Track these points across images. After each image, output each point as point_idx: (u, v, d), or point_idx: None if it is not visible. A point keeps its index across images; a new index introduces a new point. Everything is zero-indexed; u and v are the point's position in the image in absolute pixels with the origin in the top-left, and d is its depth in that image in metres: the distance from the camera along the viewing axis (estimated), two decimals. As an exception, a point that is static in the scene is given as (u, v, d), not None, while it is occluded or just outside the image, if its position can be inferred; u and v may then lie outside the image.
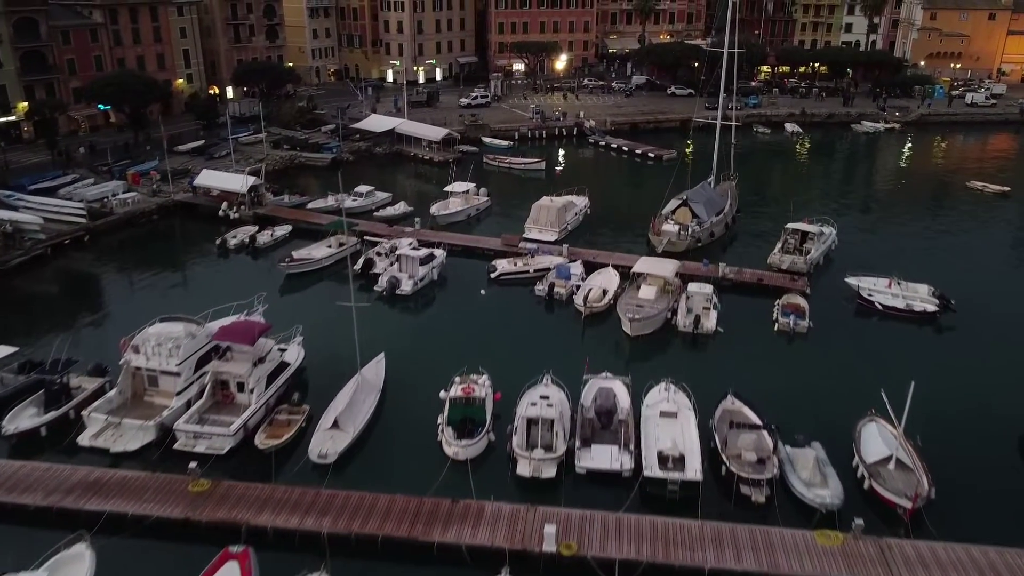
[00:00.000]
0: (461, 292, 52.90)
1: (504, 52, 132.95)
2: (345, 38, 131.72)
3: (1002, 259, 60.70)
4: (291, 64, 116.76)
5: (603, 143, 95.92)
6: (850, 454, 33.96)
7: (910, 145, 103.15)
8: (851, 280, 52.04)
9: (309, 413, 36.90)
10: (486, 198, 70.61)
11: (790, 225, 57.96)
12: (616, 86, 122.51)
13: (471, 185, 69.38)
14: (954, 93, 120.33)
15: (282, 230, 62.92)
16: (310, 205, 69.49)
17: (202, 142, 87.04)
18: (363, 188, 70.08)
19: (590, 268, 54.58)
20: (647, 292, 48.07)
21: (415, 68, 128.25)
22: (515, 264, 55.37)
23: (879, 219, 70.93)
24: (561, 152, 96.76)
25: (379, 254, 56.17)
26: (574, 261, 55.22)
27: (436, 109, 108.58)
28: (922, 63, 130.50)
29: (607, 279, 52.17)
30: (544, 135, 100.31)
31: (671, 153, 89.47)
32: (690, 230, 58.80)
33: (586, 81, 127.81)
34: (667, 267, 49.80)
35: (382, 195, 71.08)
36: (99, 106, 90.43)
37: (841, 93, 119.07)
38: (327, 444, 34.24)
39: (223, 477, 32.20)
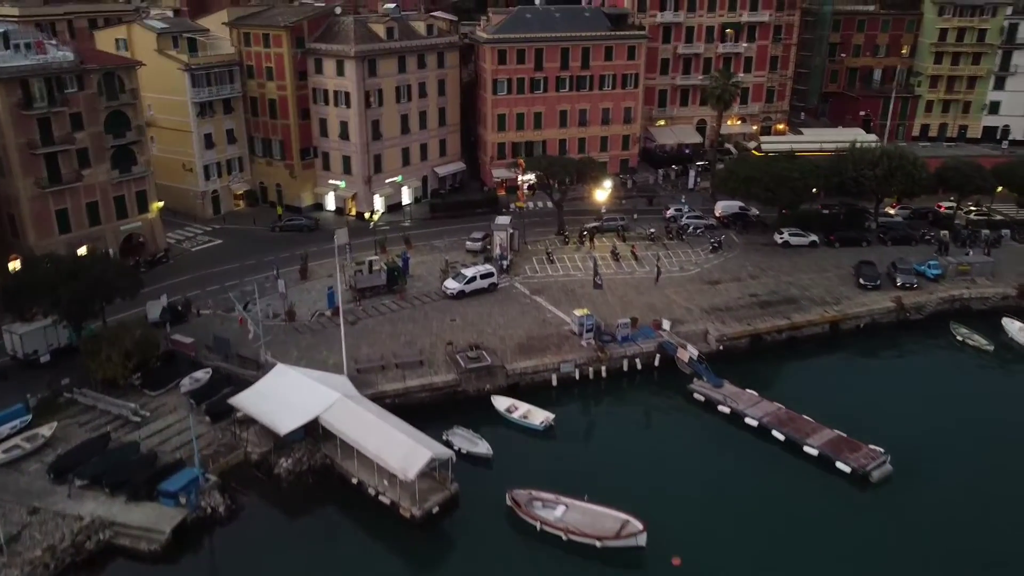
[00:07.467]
0: None
1: (504, 158, 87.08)
2: (260, 144, 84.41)
3: None
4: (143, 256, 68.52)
5: (721, 399, 50.23)
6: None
7: None
8: None
9: None
10: None
11: None
12: (688, 222, 76.95)
13: None
14: None
15: None
16: None
17: None
18: None
19: None
20: None
21: (368, 214, 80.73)
22: None
23: None
24: (641, 422, 50.86)
25: None
26: None
27: (403, 301, 62.30)
28: None
29: None
30: (605, 374, 54.62)
31: (884, 467, 44.28)
32: None
33: (636, 216, 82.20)
34: None
35: None
36: None
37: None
38: None
39: None
